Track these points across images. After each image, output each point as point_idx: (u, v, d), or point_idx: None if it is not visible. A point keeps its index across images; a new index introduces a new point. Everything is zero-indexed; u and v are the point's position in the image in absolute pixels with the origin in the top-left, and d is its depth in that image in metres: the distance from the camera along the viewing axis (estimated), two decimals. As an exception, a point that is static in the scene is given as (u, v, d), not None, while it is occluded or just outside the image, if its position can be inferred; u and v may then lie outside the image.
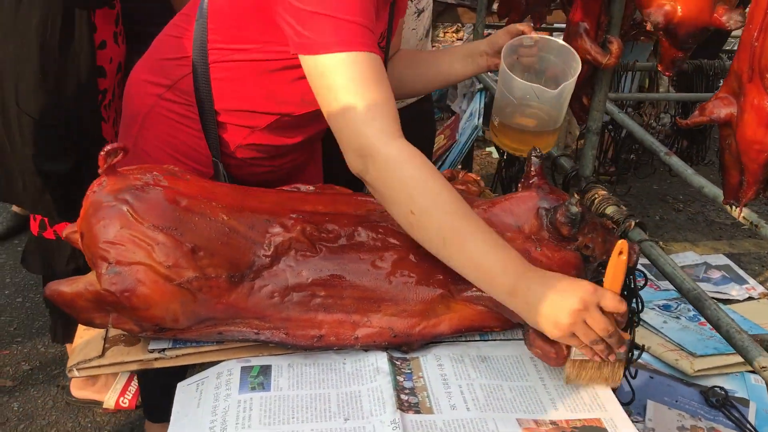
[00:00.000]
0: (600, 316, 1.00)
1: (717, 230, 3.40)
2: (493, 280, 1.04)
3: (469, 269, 1.05)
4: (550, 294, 1.00)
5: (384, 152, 1.06)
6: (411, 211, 1.04)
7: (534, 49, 1.43)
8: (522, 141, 1.47)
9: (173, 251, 1.01)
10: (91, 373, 1.06)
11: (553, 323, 1.00)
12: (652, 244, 1.53)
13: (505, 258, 1.03)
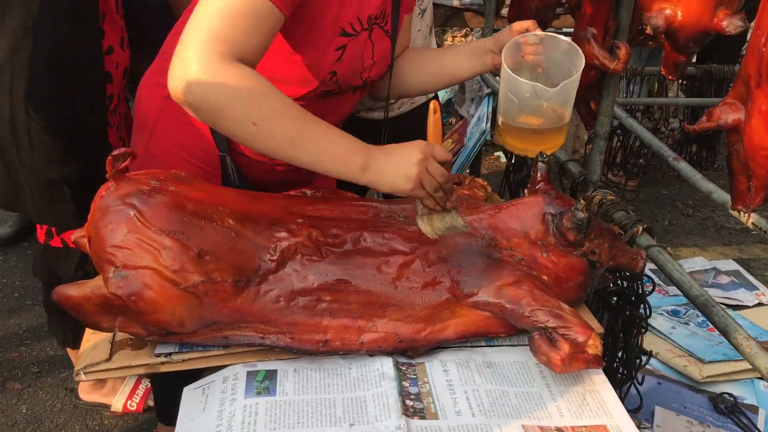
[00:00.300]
0: (436, 164, 1.12)
1: (726, 235, 3.38)
2: (345, 163, 1.11)
3: (320, 161, 1.10)
4: (395, 156, 1.13)
5: (211, 71, 1.04)
6: (253, 123, 1.06)
7: (540, 47, 1.42)
8: (528, 140, 1.46)
9: (180, 255, 1.01)
10: (99, 377, 1.06)
11: (404, 177, 1.11)
12: (660, 250, 1.52)
13: (350, 142, 1.12)
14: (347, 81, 1.35)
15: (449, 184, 1.14)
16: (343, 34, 1.28)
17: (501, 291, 1.10)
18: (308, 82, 1.28)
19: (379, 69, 1.43)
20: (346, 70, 1.32)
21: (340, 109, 1.44)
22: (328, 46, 1.27)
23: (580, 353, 1.04)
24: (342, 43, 1.28)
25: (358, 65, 1.35)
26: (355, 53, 1.33)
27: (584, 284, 1.18)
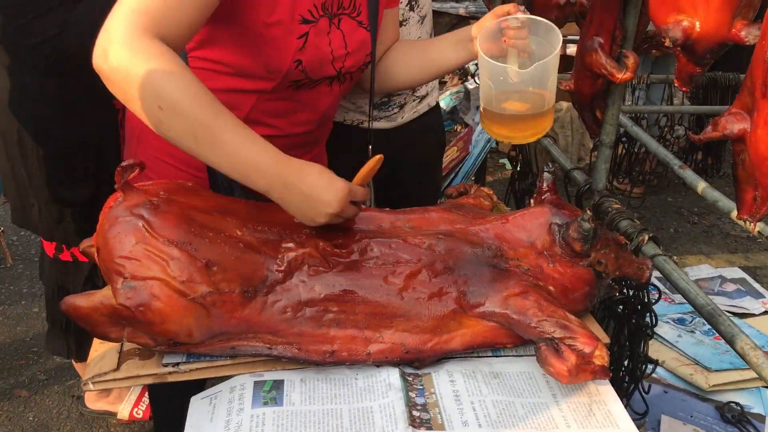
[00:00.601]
0: (351, 209, 1.13)
1: (732, 243, 3.38)
2: (249, 177, 1.07)
3: (225, 166, 1.07)
4: (308, 198, 1.09)
5: (132, 43, 1.02)
6: (159, 106, 1.03)
7: (524, 30, 1.39)
8: (512, 127, 1.43)
9: (188, 266, 1.02)
10: (107, 387, 1.07)
11: (309, 220, 1.11)
12: (666, 259, 1.52)
13: (259, 153, 1.06)
14: (315, 70, 1.33)
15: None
16: (303, 22, 1.27)
17: (507, 301, 1.10)
18: (275, 72, 1.28)
19: (356, 60, 1.41)
20: (312, 57, 1.30)
21: (317, 102, 1.42)
22: (290, 35, 1.26)
23: (587, 364, 1.04)
24: (303, 31, 1.27)
25: (325, 53, 1.33)
26: (320, 41, 1.31)
27: (590, 295, 1.18)
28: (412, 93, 1.80)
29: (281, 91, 1.33)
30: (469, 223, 1.21)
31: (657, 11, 1.28)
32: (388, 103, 1.75)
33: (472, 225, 1.21)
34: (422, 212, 1.25)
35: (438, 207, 1.30)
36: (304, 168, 1.10)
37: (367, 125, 1.78)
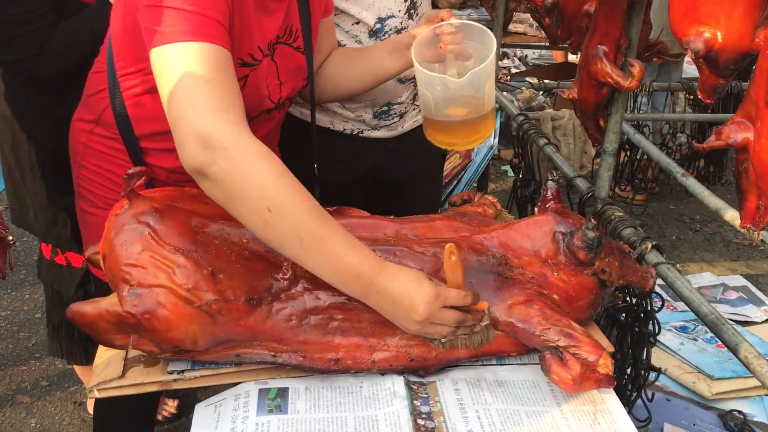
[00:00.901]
0: (446, 314, 1.06)
1: (734, 251, 3.38)
2: (348, 284, 1.06)
3: (325, 270, 1.05)
4: (397, 305, 1.05)
5: (237, 143, 1.01)
6: (267, 208, 1.01)
7: (459, 35, 1.37)
8: (454, 133, 1.42)
9: (193, 274, 1.02)
10: (112, 394, 1.07)
11: (404, 327, 1.08)
12: (669, 267, 1.52)
13: (360, 262, 1.05)
14: (254, 109, 1.32)
15: (469, 321, 1.09)
16: (242, 65, 1.24)
17: (512, 310, 1.10)
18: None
19: (293, 85, 1.41)
20: (251, 98, 1.26)
21: (262, 129, 1.39)
22: None
23: (591, 373, 1.04)
24: (243, 74, 1.25)
25: (263, 91, 1.32)
26: (258, 81, 1.30)
27: (595, 303, 1.18)
28: (412, 102, 1.80)
29: None
30: (473, 231, 1.21)
31: (678, 23, 1.27)
32: (389, 112, 1.75)
33: (477, 233, 1.21)
34: (427, 220, 1.26)
35: (442, 215, 1.30)
36: (396, 274, 1.06)
37: (368, 134, 1.78)
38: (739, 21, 1.18)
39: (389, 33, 1.63)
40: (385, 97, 1.71)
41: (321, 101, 1.63)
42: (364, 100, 1.69)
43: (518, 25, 3.70)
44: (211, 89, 1.03)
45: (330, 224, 1.05)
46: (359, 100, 1.69)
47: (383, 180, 1.86)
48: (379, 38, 1.63)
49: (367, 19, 1.61)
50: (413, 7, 1.67)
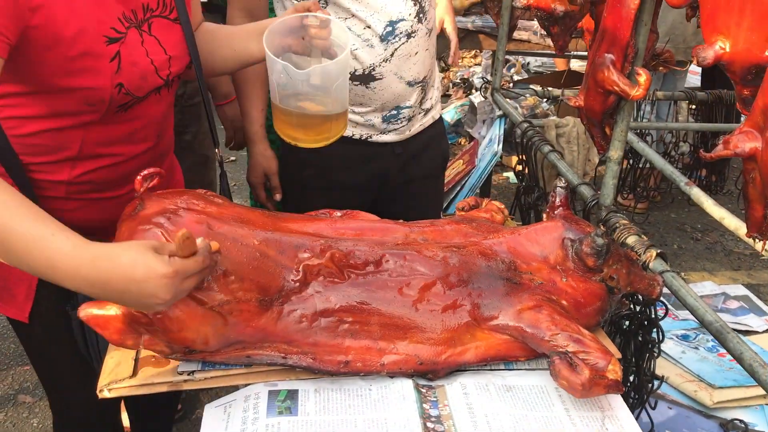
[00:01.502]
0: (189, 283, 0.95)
1: (735, 260, 3.38)
2: (50, 279, 0.93)
3: (25, 270, 0.94)
4: (126, 295, 0.92)
5: None
6: None
7: (325, 31, 1.33)
8: (303, 129, 1.37)
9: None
10: (122, 394, 1.07)
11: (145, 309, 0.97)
12: (674, 275, 1.52)
13: (50, 253, 0.90)
14: (141, 87, 1.25)
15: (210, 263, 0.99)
16: (110, 42, 1.17)
17: (521, 315, 1.11)
18: (97, 104, 1.19)
19: (182, 60, 1.35)
20: (133, 76, 1.22)
21: (151, 115, 1.33)
22: (100, 60, 1.16)
23: (601, 378, 1.04)
24: (113, 52, 1.17)
25: (146, 66, 1.25)
26: (136, 56, 1.22)
27: (602, 309, 1.19)
28: (420, 105, 1.81)
29: (110, 117, 1.23)
30: (482, 237, 1.22)
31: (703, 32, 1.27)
32: (397, 116, 1.76)
33: (486, 238, 1.22)
34: (436, 225, 1.26)
35: (451, 220, 1.31)
36: (112, 265, 0.90)
37: (376, 138, 1.79)
38: (749, 31, 1.19)
39: (400, 37, 1.64)
40: (395, 101, 1.72)
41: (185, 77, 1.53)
42: (373, 104, 1.70)
43: (522, 33, 3.71)
44: None
45: (7, 210, 0.89)
46: (369, 104, 1.70)
47: (389, 184, 1.87)
48: (391, 42, 1.64)
49: (378, 23, 1.62)
50: (422, 11, 1.68)
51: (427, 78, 1.78)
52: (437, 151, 1.98)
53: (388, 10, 1.62)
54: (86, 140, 1.24)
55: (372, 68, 1.66)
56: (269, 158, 1.84)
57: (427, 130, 1.89)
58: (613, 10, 1.57)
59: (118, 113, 1.24)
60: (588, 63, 1.73)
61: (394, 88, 1.70)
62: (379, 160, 1.81)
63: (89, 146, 1.25)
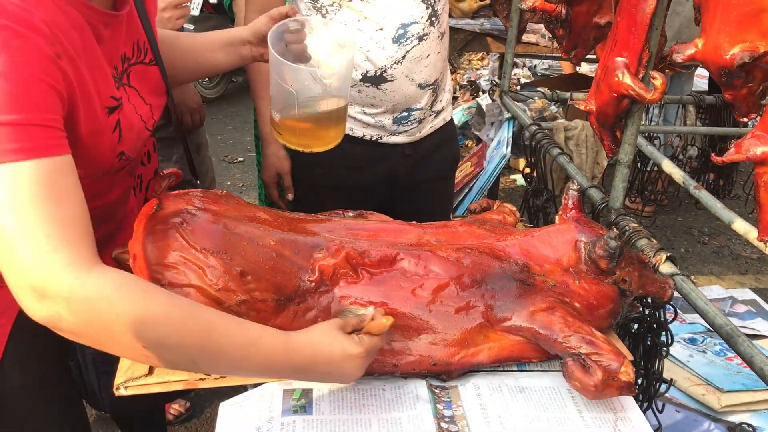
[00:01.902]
0: (378, 342, 1.04)
1: (743, 264, 3.38)
2: (265, 379, 1.04)
3: (238, 375, 1.03)
4: (328, 376, 1.02)
5: (78, 289, 0.84)
6: (142, 347, 0.88)
7: (302, 34, 1.32)
8: (307, 135, 1.37)
9: (223, 274, 1.04)
10: (138, 391, 1.08)
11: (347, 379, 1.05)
12: (684, 278, 1.53)
13: (265, 357, 0.96)
14: (137, 147, 1.19)
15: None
16: (110, 112, 1.09)
17: (534, 316, 1.11)
18: (96, 173, 1.11)
19: (159, 103, 1.28)
20: (132, 140, 1.16)
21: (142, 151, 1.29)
22: (105, 134, 1.09)
23: (613, 380, 1.05)
24: (114, 120, 1.11)
25: (138, 124, 1.19)
26: (129, 119, 1.16)
27: (615, 312, 1.19)
28: (430, 108, 1.82)
29: (107, 180, 1.18)
30: (495, 239, 1.23)
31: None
32: (408, 117, 1.77)
33: (499, 240, 1.22)
34: (449, 226, 1.27)
35: (464, 221, 1.32)
36: (315, 352, 0.99)
37: (387, 139, 1.80)
38: (717, 33, 1.21)
39: (412, 39, 1.65)
40: (406, 103, 1.73)
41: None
42: (384, 105, 1.72)
43: (530, 36, 3.71)
44: (34, 225, 0.85)
45: (217, 331, 0.92)
46: (380, 105, 1.72)
47: (399, 184, 1.88)
48: (402, 45, 1.65)
49: (390, 26, 1.63)
50: (434, 14, 1.69)
51: (438, 81, 1.79)
52: (447, 153, 1.99)
53: (400, 13, 1.63)
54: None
55: (384, 70, 1.67)
56: (282, 158, 1.86)
57: (437, 132, 1.90)
58: (627, 15, 1.58)
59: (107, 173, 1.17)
60: (599, 67, 1.73)
61: (405, 90, 1.71)
62: (390, 161, 1.83)
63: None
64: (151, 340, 0.88)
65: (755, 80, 1.25)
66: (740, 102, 1.31)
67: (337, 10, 1.63)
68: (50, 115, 0.90)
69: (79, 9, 1.01)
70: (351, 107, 1.74)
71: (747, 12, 1.18)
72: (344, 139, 1.79)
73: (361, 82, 1.68)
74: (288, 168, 1.87)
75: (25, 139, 0.86)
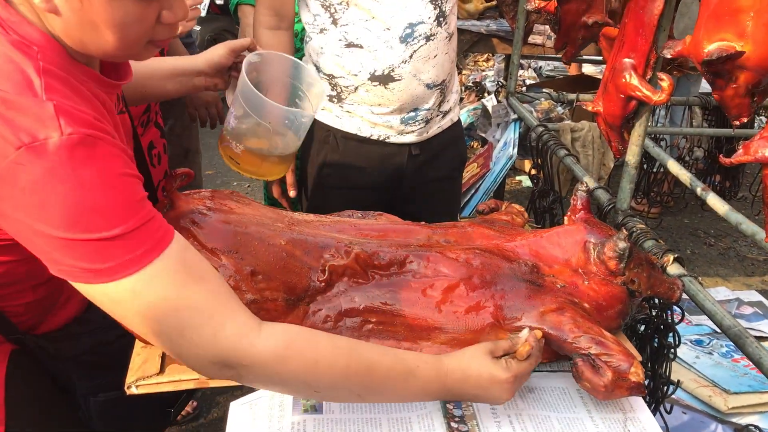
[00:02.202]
0: (527, 373, 1.06)
1: (749, 266, 3.38)
2: (422, 399, 1.05)
3: (397, 403, 1.08)
4: (479, 398, 1.05)
5: (256, 355, 0.92)
6: (315, 391, 0.97)
7: (260, 65, 1.32)
8: (268, 168, 1.37)
9: (234, 274, 1.04)
10: (150, 390, 1.09)
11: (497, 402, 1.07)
12: (692, 280, 1.53)
13: (422, 386, 1.01)
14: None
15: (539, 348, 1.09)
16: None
17: (544, 317, 1.12)
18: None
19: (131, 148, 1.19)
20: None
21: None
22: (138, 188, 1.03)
23: (623, 380, 1.05)
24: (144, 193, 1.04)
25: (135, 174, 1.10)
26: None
27: (624, 313, 1.20)
28: (438, 108, 1.82)
29: None
30: (504, 239, 1.23)
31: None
32: (415, 117, 1.78)
33: (508, 241, 1.23)
34: (458, 227, 1.28)
35: (473, 222, 1.32)
36: (465, 376, 1.02)
37: (394, 139, 1.80)
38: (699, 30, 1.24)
39: (419, 39, 1.66)
40: (414, 103, 1.74)
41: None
42: (392, 105, 1.72)
43: (536, 37, 3.72)
44: (196, 308, 0.90)
45: (378, 368, 0.98)
46: (388, 105, 1.72)
47: (404, 185, 1.88)
48: (410, 44, 1.66)
49: (397, 25, 1.64)
50: (442, 15, 1.69)
51: (446, 81, 1.79)
52: (455, 153, 1.99)
53: (408, 13, 1.64)
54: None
55: (391, 69, 1.67)
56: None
57: (445, 132, 1.90)
58: (635, 16, 1.58)
59: None
60: (607, 68, 1.74)
61: (412, 89, 1.71)
62: (397, 161, 1.83)
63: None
64: (321, 386, 0.96)
65: (737, 81, 1.26)
66: (728, 102, 1.32)
67: (345, 8, 1.64)
68: (147, 204, 0.92)
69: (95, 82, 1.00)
70: (359, 107, 1.75)
71: (725, 11, 1.20)
72: (352, 138, 1.80)
73: (369, 81, 1.69)
74: (292, 166, 1.88)
75: (146, 238, 0.88)
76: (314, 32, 1.73)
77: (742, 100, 1.28)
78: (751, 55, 1.21)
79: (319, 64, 1.75)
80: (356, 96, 1.73)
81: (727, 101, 1.30)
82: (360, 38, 1.65)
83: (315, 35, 1.73)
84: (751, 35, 1.20)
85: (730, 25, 1.21)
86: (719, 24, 1.22)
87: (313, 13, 1.71)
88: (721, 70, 1.24)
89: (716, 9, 1.22)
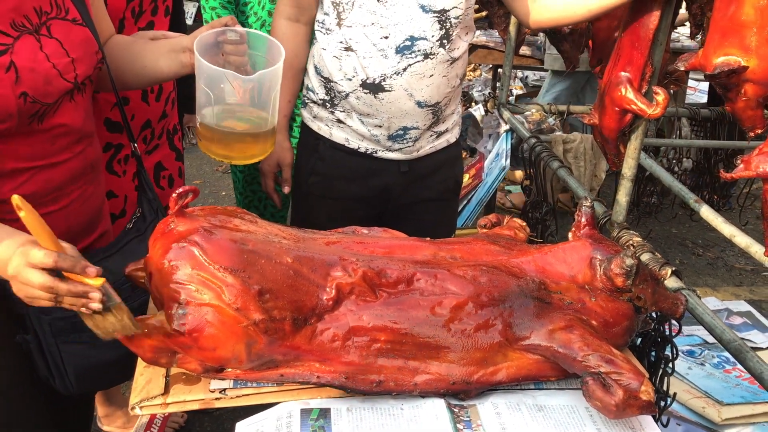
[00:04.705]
0: (31, 275, 0.98)
1: (737, 276, 3.41)
2: None
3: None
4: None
5: None
6: None
7: (243, 46, 1.33)
8: (230, 146, 1.37)
9: (242, 294, 1.03)
10: (154, 411, 1.07)
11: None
12: (690, 293, 1.53)
13: None
14: (48, 93, 1.23)
15: (64, 290, 0.99)
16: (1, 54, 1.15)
17: (553, 335, 1.11)
18: (6, 118, 1.17)
19: (87, 62, 1.32)
20: (36, 83, 1.20)
21: (71, 120, 1.31)
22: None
23: (634, 399, 1.05)
24: (6, 62, 1.16)
25: (47, 70, 1.23)
26: (34, 62, 1.21)
27: (630, 329, 1.20)
28: (428, 128, 1.79)
29: (25, 129, 1.22)
30: (509, 255, 1.23)
31: None
32: (404, 135, 1.75)
33: (513, 257, 1.22)
34: (463, 243, 1.27)
35: (477, 238, 1.31)
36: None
37: (381, 154, 1.78)
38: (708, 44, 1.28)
39: (417, 54, 1.64)
40: (402, 118, 1.71)
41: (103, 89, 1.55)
42: (380, 115, 1.70)
43: (525, 48, 3.74)
44: None
45: None
46: (376, 116, 1.70)
47: (393, 201, 1.86)
48: (405, 57, 1.64)
49: (397, 35, 1.62)
50: (447, 37, 1.67)
51: (441, 104, 1.75)
52: (449, 175, 1.94)
53: (412, 26, 1.62)
54: (5, 156, 1.22)
55: (383, 78, 1.65)
56: (286, 149, 1.86)
57: (438, 153, 1.86)
58: (631, 30, 1.59)
59: (32, 124, 1.22)
60: (603, 82, 1.75)
61: (402, 104, 1.69)
62: (384, 176, 1.81)
63: (10, 161, 1.23)
64: None
65: (747, 94, 1.29)
66: (740, 114, 1.35)
67: (350, 9, 1.63)
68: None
69: None
70: (348, 115, 1.73)
71: (730, 26, 1.23)
72: (340, 149, 1.78)
73: (360, 88, 1.68)
74: (290, 160, 1.87)
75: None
76: (320, 32, 1.72)
77: (755, 112, 1.30)
78: (756, 68, 1.22)
79: (318, 65, 1.74)
80: (347, 103, 1.71)
81: (740, 113, 1.32)
82: (357, 43, 1.64)
83: (321, 36, 1.72)
84: (755, 50, 1.21)
85: (735, 40, 1.22)
86: (725, 38, 1.23)
87: (324, 12, 1.70)
88: (727, 84, 1.26)
89: (723, 24, 1.24)
